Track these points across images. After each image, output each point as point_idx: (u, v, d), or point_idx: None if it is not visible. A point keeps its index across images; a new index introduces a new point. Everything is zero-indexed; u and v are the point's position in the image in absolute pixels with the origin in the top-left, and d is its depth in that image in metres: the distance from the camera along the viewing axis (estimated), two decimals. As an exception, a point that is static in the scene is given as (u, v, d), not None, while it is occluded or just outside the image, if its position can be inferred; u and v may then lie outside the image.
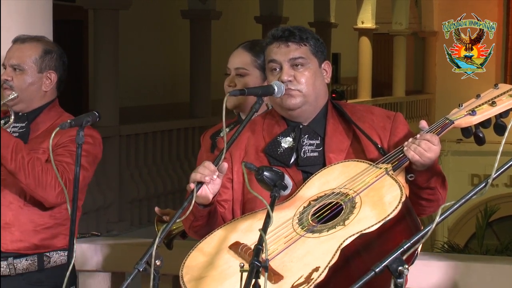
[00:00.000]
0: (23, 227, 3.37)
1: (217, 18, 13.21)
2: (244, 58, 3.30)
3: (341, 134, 2.83)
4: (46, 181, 3.26)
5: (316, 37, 2.87)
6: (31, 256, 3.39)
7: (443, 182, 2.74)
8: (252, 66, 3.28)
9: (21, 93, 3.44)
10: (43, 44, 3.50)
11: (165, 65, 16.01)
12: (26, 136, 3.41)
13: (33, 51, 3.46)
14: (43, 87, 3.47)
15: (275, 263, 2.44)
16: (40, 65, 3.45)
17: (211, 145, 3.35)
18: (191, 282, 2.51)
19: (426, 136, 2.62)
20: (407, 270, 2.09)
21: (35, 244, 3.39)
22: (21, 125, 3.44)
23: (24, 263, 3.39)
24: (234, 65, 3.31)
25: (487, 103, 2.69)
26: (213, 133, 3.39)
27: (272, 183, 2.50)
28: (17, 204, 3.37)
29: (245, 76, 3.29)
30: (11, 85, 3.43)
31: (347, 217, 2.50)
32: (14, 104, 3.45)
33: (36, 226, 3.38)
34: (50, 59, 3.48)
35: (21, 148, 3.28)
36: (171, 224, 2.51)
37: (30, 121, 3.45)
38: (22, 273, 3.40)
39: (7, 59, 3.47)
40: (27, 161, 3.26)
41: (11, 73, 3.44)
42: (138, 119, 12.05)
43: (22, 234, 3.37)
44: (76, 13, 13.43)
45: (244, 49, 3.33)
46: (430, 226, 2.15)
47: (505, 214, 17.75)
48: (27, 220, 3.37)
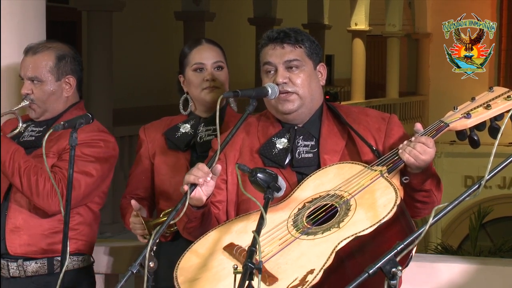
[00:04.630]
0: (31, 230, 3.36)
1: (211, 20, 13.22)
2: (217, 52, 3.33)
3: (336, 136, 2.83)
4: (42, 190, 3.25)
5: (312, 39, 2.86)
6: (41, 259, 3.38)
7: (438, 184, 2.74)
8: (225, 60, 3.33)
9: (44, 104, 3.41)
10: (55, 51, 3.45)
11: (159, 66, 15.99)
12: (40, 141, 3.37)
13: (47, 60, 3.42)
14: (64, 93, 3.45)
15: (270, 265, 2.44)
16: (56, 73, 3.42)
17: (168, 142, 3.33)
18: (185, 283, 2.51)
19: (421, 139, 2.62)
20: (400, 272, 2.10)
21: (43, 248, 3.38)
22: (39, 129, 3.42)
23: (34, 266, 3.38)
24: (212, 59, 3.31)
25: (482, 106, 2.69)
26: (166, 130, 3.36)
27: (266, 185, 2.49)
28: (28, 208, 3.36)
29: (223, 69, 3.31)
30: (32, 98, 3.40)
31: (342, 219, 2.50)
32: (40, 115, 3.43)
33: (44, 230, 3.37)
34: (65, 64, 3.45)
35: (19, 157, 3.27)
36: (165, 226, 2.51)
37: (49, 125, 3.39)
38: (31, 276, 3.39)
39: (23, 72, 3.43)
40: (23, 170, 3.26)
41: (30, 85, 3.42)
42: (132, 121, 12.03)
43: (30, 238, 3.36)
44: (69, 15, 13.42)
45: (211, 44, 3.35)
46: (423, 228, 2.16)
47: (498, 216, 17.78)
48: (36, 224, 3.36)
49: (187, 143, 3.30)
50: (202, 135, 3.28)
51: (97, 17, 10.59)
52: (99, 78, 10.53)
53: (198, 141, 3.28)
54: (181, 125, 3.34)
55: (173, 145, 3.32)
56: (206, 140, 3.26)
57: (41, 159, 3.20)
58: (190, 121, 3.34)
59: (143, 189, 3.41)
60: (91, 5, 10.64)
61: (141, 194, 3.41)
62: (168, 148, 3.34)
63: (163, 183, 3.34)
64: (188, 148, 3.31)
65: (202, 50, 3.33)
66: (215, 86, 3.30)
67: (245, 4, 16.50)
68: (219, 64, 3.31)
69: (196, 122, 3.33)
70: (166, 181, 3.32)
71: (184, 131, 3.32)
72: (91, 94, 10.66)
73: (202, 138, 3.28)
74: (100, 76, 10.52)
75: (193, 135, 3.30)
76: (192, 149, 3.31)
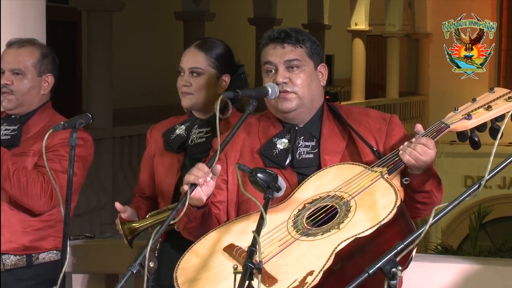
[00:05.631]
0: (12, 228, 3.38)
1: (211, 20, 13.22)
2: (198, 57, 3.29)
3: (336, 136, 2.82)
4: (32, 191, 3.29)
5: (313, 39, 2.86)
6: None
7: (439, 185, 2.73)
8: (206, 65, 3.28)
9: (22, 97, 3.45)
10: (40, 48, 3.52)
11: (159, 66, 15.99)
12: (17, 138, 3.41)
13: (32, 55, 3.47)
14: (42, 90, 3.50)
15: (270, 266, 2.43)
16: (39, 69, 3.47)
17: (164, 143, 3.34)
18: (185, 284, 2.51)
19: (422, 140, 2.61)
20: (400, 272, 2.09)
21: (25, 245, 3.40)
22: (13, 128, 3.45)
23: (12, 259, 3.40)
24: (189, 64, 3.28)
25: (482, 107, 2.68)
26: (165, 131, 3.37)
27: (266, 185, 2.49)
28: (7, 205, 3.38)
29: (200, 75, 3.27)
30: (11, 89, 3.44)
31: (342, 220, 2.50)
32: (15, 107, 3.45)
33: (25, 227, 3.39)
34: (48, 62, 3.50)
35: (6, 159, 3.29)
36: (165, 226, 2.50)
37: (22, 124, 3.46)
38: (10, 269, 3.41)
39: (5, 64, 3.47)
40: (12, 172, 3.28)
41: (11, 77, 3.45)
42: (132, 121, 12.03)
43: (12, 235, 3.38)
44: (69, 15, 13.42)
45: (196, 48, 3.31)
46: (423, 228, 2.15)
47: (498, 216, 17.79)
48: (16, 221, 3.38)
49: (180, 145, 3.30)
50: (193, 138, 3.28)
51: (97, 17, 10.60)
52: (99, 78, 10.53)
53: (189, 144, 3.28)
54: (178, 127, 3.35)
55: (168, 147, 3.33)
56: (197, 142, 3.26)
57: (22, 158, 3.31)
58: (186, 122, 3.34)
59: (148, 189, 3.45)
60: (91, 5, 10.65)
61: (147, 193, 3.45)
62: (165, 149, 3.34)
63: (159, 184, 3.35)
64: (182, 150, 3.31)
65: (185, 54, 3.32)
66: (187, 92, 3.27)
67: (245, 4, 16.50)
68: (193, 70, 3.26)
69: (191, 123, 3.33)
70: (162, 182, 3.33)
71: (179, 132, 3.32)
72: (91, 94, 10.67)
73: (193, 141, 3.28)
74: (100, 76, 10.52)
75: (186, 137, 3.30)
76: (185, 151, 3.31)
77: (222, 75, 3.29)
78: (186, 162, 3.27)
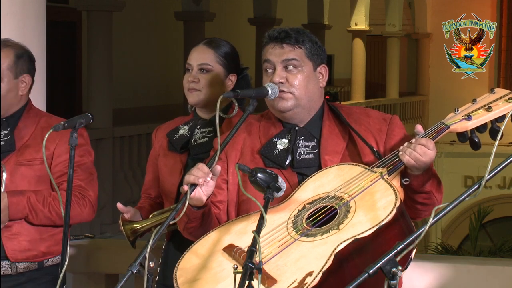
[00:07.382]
0: (30, 236, 3.38)
1: (211, 20, 13.21)
2: (207, 54, 3.30)
3: (337, 137, 2.82)
4: (72, 215, 3.26)
5: (314, 40, 2.85)
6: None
7: (439, 186, 2.73)
8: (215, 62, 3.29)
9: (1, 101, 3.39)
10: (14, 49, 3.43)
11: (159, 66, 16.00)
12: (13, 144, 3.36)
13: (6, 57, 3.39)
14: (20, 91, 3.42)
15: (269, 266, 2.43)
16: (15, 71, 3.40)
17: (168, 143, 3.35)
18: (185, 284, 2.51)
19: (422, 141, 2.61)
20: (400, 272, 2.09)
21: (43, 251, 3.40)
22: (5, 133, 3.39)
23: (25, 264, 3.39)
24: (198, 61, 3.29)
25: (483, 108, 2.68)
26: (169, 131, 3.38)
27: (266, 185, 2.49)
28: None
29: (209, 71, 3.28)
30: None
31: (341, 221, 2.50)
32: None
33: (42, 234, 3.39)
34: (23, 63, 3.43)
35: (35, 201, 3.32)
36: (165, 227, 2.50)
37: (12, 128, 3.40)
38: (23, 272, 3.40)
39: None
40: (47, 215, 3.34)
41: None
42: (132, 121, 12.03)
43: (30, 243, 3.37)
44: (69, 15, 13.41)
45: (205, 45, 3.33)
46: (423, 228, 2.15)
47: (498, 216, 17.79)
48: (33, 229, 3.38)
49: (183, 145, 3.30)
50: (196, 138, 3.28)
51: (97, 17, 10.59)
52: (99, 78, 10.53)
53: (192, 144, 3.28)
54: (181, 127, 3.35)
55: (171, 147, 3.33)
56: (200, 142, 3.27)
57: (31, 168, 3.34)
58: (189, 122, 3.35)
59: (153, 189, 3.47)
60: (91, 5, 10.64)
61: (152, 193, 3.47)
62: (168, 150, 3.35)
63: (163, 184, 3.36)
64: (185, 150, 3.31)
65: (193, 51, 3.33)
66: (194, 88, 3.28)
67: (245, 4, 16.50)
68: (203, 67, 3.28)
69: (194, 124, 3.33)
70: (165, 182, 3.34)
71: (182, 132, 3.33)
72: (91, 94, 10.67)
73: (196, 141, 3.28)
74: (100, 76, 10.52)
75: (189, 137, 3.30)
76: (189, 151, 3.31)
77: (229, 74, 3.31)
78: (189, 162, 3.28)
